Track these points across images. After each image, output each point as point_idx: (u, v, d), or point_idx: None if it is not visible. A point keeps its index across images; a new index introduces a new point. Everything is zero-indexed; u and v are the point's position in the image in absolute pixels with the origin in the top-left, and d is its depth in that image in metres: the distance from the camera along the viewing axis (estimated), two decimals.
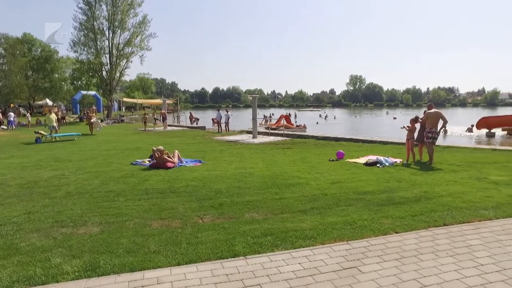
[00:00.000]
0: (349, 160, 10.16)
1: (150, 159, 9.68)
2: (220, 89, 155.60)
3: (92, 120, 22.48)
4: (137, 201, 5.53)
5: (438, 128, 9.42)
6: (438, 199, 5.47)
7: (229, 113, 23.91)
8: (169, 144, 13.88)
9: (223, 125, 23.50)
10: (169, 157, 9.19)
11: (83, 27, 39.46)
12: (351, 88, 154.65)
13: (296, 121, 40.07)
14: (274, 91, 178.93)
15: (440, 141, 14.22)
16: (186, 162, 9.69)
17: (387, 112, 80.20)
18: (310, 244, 3.60)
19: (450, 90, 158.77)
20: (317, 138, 17.26)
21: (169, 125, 27.76)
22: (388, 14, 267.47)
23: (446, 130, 18.73)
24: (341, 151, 10.90)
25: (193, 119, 36.94)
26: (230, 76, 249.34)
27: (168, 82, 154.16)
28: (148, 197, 5.81)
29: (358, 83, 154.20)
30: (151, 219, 4.53)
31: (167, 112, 30.25)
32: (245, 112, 78.23)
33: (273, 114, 51.74)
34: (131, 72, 75.01)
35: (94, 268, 3.12)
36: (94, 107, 40.75)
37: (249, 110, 19.90)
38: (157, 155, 8.92)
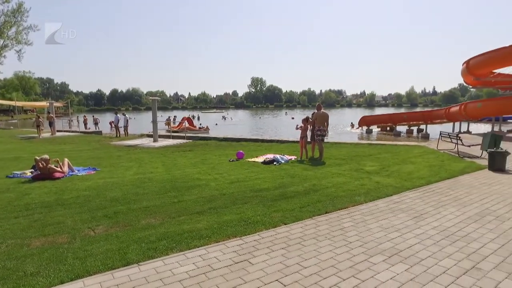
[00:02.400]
0: (249, 159, 10.61)
1: (33, 170, 8.58)
2: (119, 91, 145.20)
3: None
4: (12, 219, 4.86)
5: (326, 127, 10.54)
6: (323, 190, 6.14)
7: (127, 116, 22.56)
8: (57, 152, 12.46)
9: (121, 129, 22.12)
10: (57, 166, 8.29)
11: None
12: (253, 90, 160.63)
13: (200, 124, 39.90)
14: (177, 92, 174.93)
15: (331, 139, 15.88)
16: (78, 170, 8.87)
17: (286, 112, 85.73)
18: (205, 243, 3.70)
19: (339, 92, 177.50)
20: (218, 139, 17.55)
21: (58, 131, 24.84)
22: (285, 19, 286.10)
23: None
24: (241, 151, 11.31)
25: (88, 124, 33.81)
26: (130, 77, 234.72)
27: (57, 83, 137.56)
28: (28, 213, 5.15)
29: (259, 85, 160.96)
30: (31, 238, 4.06)
31: (56, 116, 27.05)
32: (146, 114, 74.64)
33: (176, 117, 50.63)
34: (6, 69, 64.43)
35: None
36: None
37: (150, 113, 19.09)
38: (41, 165, 7.95)
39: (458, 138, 10.66)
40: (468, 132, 21.14)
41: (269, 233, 4.04)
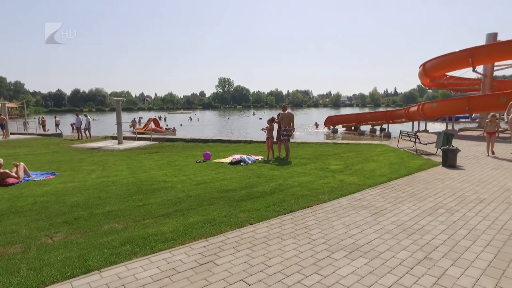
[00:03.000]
0: (216, 160, 10.58)
1: None
2: (81, 91, 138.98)
3: None
4: None
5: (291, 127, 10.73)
6: (289, 190, 6.25)
7: (89, 117, 21.70)
8: (11, 157, 11.76)
9: (83, 131, 21.26)
10: (13, 171, 7.84)
11: None
12: (220, 91, 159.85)
13: (167, 125, 39.15)
14: (143, 93, 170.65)
15: (297, 138, 16.13)
16: (36, 175, 8.43)
17: (254, 113, 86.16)
18: (169, 246, 3.66)
19: (306, 93, 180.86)
20: (186, 140, 17.33)
21: (12, 133, 23.40)
22: (252, 19, 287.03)
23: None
24: (208, 152, 11.25)
25: (46, 126, 32.10)
26: (93, 77, 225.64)
27: (10, 82, 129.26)
28: None
29: (226, 86, 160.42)
30: None
31: (10, 118, 25.46)
32: (111, 116, 72.10)
33: (141, 118, 49.38)
34: None
35: None
36: None
37: (115, 114, 18.48)
38: None
39: (416, 136, 11.22)
40: (425, 131, 22.27)
41: (235, 233, 4.06)
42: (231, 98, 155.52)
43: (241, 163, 9.74)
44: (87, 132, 21.22)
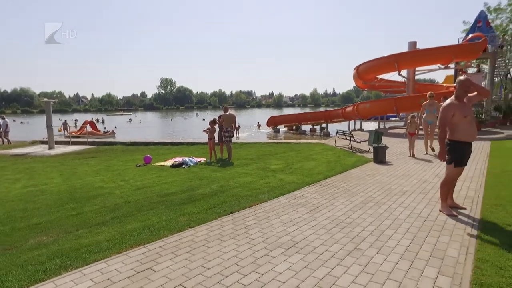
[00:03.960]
0: (157, 164, 10.30)
1: None
2: (2, 91, 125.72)
3: None
4: None
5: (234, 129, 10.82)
6: (230, 191, 6.32)
7: (6, 120, 19.69)
8: None
9: (2, 136, 19.24)
10: None
11: None
12: (163, 91, 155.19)
13: (105, 127, 37.06)
14: (77, 94, 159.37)
15: (240, 139, 16.27)
16: None
17: (197, 114, 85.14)
18: (105, 256, 3.51)
19: (249, 94, 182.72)
20: (125, 144, 16.61)
21: None
22: (195, 20, 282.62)
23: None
24: (149, 155, 10.92)
25: None
26: (18, 75, 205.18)
27: None
28: None
29: (169, 86, 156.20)
30: None
31: None
32: (40, 118, 66.19)
33: (77, 120, 46.18)
34: None
35: None
36: None
37: (45, 116, 17.02)
38: None
39: (350, 135, 11.98)
40: (361, 129, 23.80)
41: (174, 238, 4.02)
42: (173, 99, 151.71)
43: (183, 166, 9.61)
44: (3, 136, 19.22)
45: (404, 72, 19.69)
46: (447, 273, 3.07)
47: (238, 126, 25.61)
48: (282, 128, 28.47)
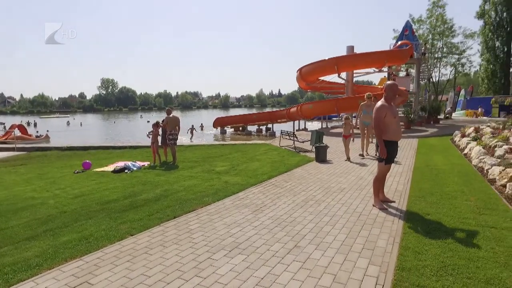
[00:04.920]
0: (97, 169, 9.80)
1: None
2: None
3: None
4: None
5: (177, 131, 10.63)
6: (174, 195, 6.22)
7: None
8: None
9: None
10: None
11: None
12: (104, 92, 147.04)
13: (37, 131, 34.19)
14: (2, 94, 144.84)
15: (186, 141, 15.99)
16: None
17: (141, 115, 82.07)
18: (34, 274, 3.27)
19: (195, 94, 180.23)
20: (61, 149, 15.51)
21: None
22: (138, 19, 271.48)
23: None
24: (88, 161, 10.34)
25: None
26: None
27: None
28: None
29: (110, 87, 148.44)
30: None
31: None
32: None
33: (4, 124, 42.04)
34: None
35: None
36: None
37: None
38: None
39: (294, 135, 12.40)
40: (305, 129, 24.68)
41: (114, 247, 3.87)
42: (116, 100, 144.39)
43: (126, 171, 9.25)
44: None
45: (343, 75, 20.83)
46: (376, 262, 3.34)
47: (193, 128, 25.14)
48: (229, 129, 28.54)
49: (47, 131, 32.90)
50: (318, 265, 3.34)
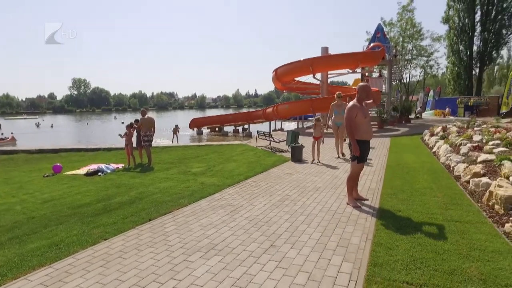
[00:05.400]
0: (69, 172, 9.49)
1: None
2: None
3: None
4: None
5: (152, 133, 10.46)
6: (149, 197, 6.12)
7: None
8: None
9: None
10: None
11: None
12: (75, 93, 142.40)
13: (2, 133, 32.64)
14: None
15: (163, 143, 15.72)
16: None
17: (115, 117, 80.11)
18: None
19: (171, 95, 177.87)
20: (30, 152, 14.88)
21: None
22: (111, 18, 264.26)
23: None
24: (58, 164, 10.00)
25: None
26: None
27: None
28: None
29: (82, 87, 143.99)
30: None
31: None
32: None
33: None
34: None
35: None
36: None
37: None
38: None
39: (270, 135, 12.47)
40: (281, 129, 24.88)
41: (87, 252, 3.77)
42: (88, 101, 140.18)
43: (99, 174, 9.02)
44: None
45: (318, 75, 21.15)
46: (350, 259, 3.43)
47: (177, 128, 24.66)
48: (205, 130, 28.35)
49: (12, 133, 31.36)
50: (293, 263, 3.39)
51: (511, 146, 7.76)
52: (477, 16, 32.36)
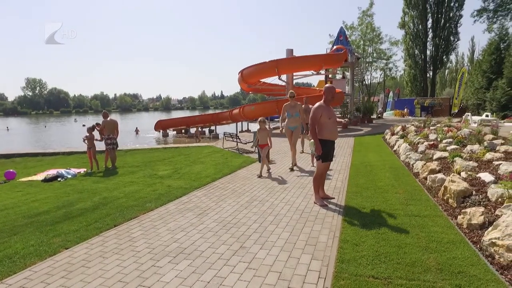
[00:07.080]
0: (23, 179, 8.94)
1: None
2: None
3: None
4: None
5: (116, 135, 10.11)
6: (114, 202, 5.90)
7: None
8: None
9: None
10: None
11: None
12: (30, 94, 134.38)
13: None
14: None
15: (126, 145, 15.19)
16: None
17: (76, 119, 76.60)
18: None
19: (135, 96, 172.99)
20: None
21: None
22: (70, 17, 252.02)
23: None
24: (12, 170, 9.39)
25: None
26: None
27: None
28: None
29: (38, 88, 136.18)
30: None
31: None
32: None
33: None
34: None
35: None
36: None
37: None
38: None
39: (237, 137, 12.47)
40: (248, 130, 24.94)
41: (46, 264, 3.56)
42: (45, 103, 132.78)
43: (58, 179, 8.59)
44: None
45: (284, 77, 21.44)
46: (318, 257, 3.51)
47: (137, 130, 23.81)
48: (171, 132, 27.82)
49: None
50: (263, 264, 3.41)
51: (461, 144, 8.32)
52: (429, 23, 34.53)
